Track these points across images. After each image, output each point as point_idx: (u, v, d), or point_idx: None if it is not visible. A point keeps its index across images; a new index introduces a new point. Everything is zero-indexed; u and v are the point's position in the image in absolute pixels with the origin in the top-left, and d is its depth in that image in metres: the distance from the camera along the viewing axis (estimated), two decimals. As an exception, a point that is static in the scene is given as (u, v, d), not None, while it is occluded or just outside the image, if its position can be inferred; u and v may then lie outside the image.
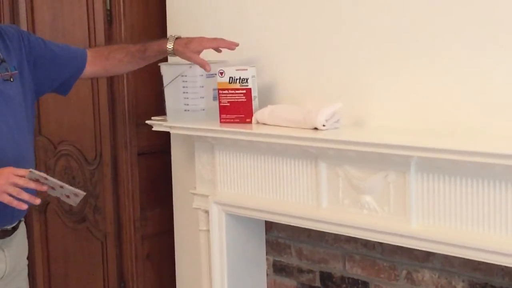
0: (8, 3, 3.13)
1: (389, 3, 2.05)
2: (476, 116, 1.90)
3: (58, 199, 3.01)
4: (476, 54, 1.90)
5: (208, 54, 2.51)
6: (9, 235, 2.15)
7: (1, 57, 2.13)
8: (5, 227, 2.12)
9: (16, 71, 2.17)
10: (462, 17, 1.91)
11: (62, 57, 2.30)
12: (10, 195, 1.91)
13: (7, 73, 2.13)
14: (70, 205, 2.97)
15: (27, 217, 3.15)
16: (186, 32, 2.61)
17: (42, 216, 3.15)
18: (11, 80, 2.13)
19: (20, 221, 2.23)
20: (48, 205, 3.10)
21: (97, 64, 2.34)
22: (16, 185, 1.91)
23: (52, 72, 2.28)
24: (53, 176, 2.99)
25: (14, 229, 2.18)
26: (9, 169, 1.95)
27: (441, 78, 1.96)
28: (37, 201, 1.97)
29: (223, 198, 2.37)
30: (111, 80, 2.76)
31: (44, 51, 2.27)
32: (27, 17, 3.08)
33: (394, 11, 2.04)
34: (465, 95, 1.92)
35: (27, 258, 2.34)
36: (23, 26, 3.09)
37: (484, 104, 1.89)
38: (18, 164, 2.05)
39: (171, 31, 2.67)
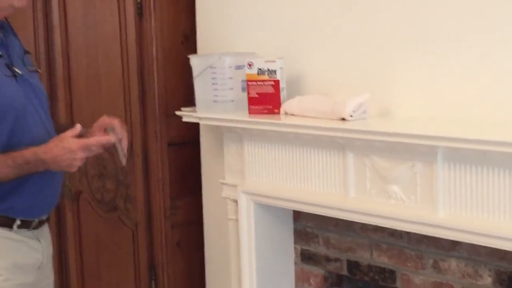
0: (42, 6, 3.16)
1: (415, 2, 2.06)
2: (502, 106, 1.89)
3: (89, 187, 3.06)
4: (504, 45, 1.89)
5: (237, 46, 2.53)
6: (42, 225, 2.17)
7: (24, 48, 2.16)
8: (42, 217, 2.14)
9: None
10: (488, 7, 1.90)
11: None
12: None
13: (33, 67, 2.16)
14: (102, 195, 3.03)
15: (60, 205, 3.20)
16: (215, 26, 2.64)
17: (74, 205, 3.19)
18: (38, 71, 2.18)
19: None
20: (80, 194, 3.14)
21: None
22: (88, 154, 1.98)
23: None
24: (86, 165, 3.05)
25: (47, 219, 2.20)
26: (78, 143, 1.95)
27: (467, 69, 1.95)
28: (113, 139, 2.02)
29: (251, 187, 2.39)
30: (141, 72, 2.78)
31: None
32: (59, 11, 3.11)
33: (420, 2, 2.04)
34: (491, 86, 1.92)
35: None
36: (55, 21, 3.13)
37: (506, 98, 1.88)
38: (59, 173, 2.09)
39: (201, 24, 2.68)
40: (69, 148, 1.95)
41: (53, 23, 3.14)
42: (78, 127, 1.99)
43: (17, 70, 2.07)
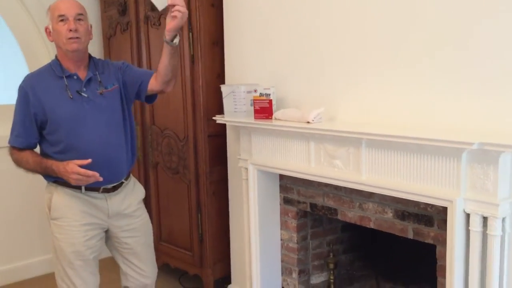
0: (137, 56, 3.15)
1: (352, 52, 2.05)
2: (400, 116, 1.90)
3: (163, 160, 3.06)
4: (398, 86, 1.89)
5: (248, 79, 2.53)
6: (111, 192, 1.97)
7: (99, 79, 1.94)
8: (106, 187, 1.95)
9: (116, 85, 1.97)
10: (395, 52, 1.90)
11: (138, 72, 2.06)
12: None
13: (101, 90, 1.93)
14: (170, 164, 3.03)
15: (147, 170, 3.19)
16: (235, 67, 2.63)
17: (154, 171, 3.18)
18: (102, 94, 1.93)
19: (121, 183, 2.01)
20: (158, 164, 3.13)
21: (155, 79, 2.00)
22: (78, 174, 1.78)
23: (132, 81, 2.02)
24: (161, 147, 3.03)
25: (115, 188, 1.98)
26: (74, 169, 1.78)
27: (382, 93, 1.96)
28: (100, 179, 1.80)
29: (255, 161, 2.39)
30: (193, 94, 2.76)
31: (130, 71, 2.04)
32: (146, 60, 3.09)
33: (354, 54, 2.04)
34: (395, 104, 1.92)
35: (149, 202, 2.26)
36: (144, 62, 3.09)
37: (404, 108, 1.88)
38: (109, 164, 1.87)
39: (227, 67, 2.68)
40: (66, 170, 1.80)
41: (143, 66, 3.12)
42: (87, 161, 1.80)
43: (83, 94, 1.88)
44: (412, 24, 1.82)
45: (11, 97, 2.21)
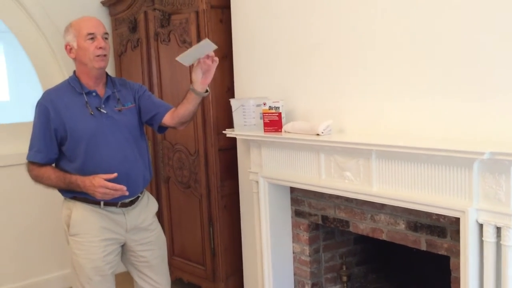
0: (147, 72, 3.18)
1: (359, 63, 2.05)
2: (409, 126, 1.89)
3: (174, 174, 3.07)
4: (407, 96, 1.89)
5: (257, 93, 2.54)
6: (128, 206, 1.99)
7: (117, 97, 1.98)
8: (123, 201, 1.97)
9: (133, 104, 2.01)
10: (399, 69, 1.90)
11: (155, 102, 2.08)
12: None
13: (119, 107, 1.96)
14: (182, 178, 3.03)
15: (159, 185, 3.21)
16: (245, 82, 2.64)
17: (166, 185, 3.20)
18: (121, 111, 1.97)
19: (138, 197, 2.03)
20: (169, 178, 3.15)
21: (172, 116, 2.04)
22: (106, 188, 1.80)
23: (146, 109, 2.04)
24: (173, 161, 3.04)
25: (132, 202, 2.00)
26: (100, 183, 1.79)
27: (391, 103, 1.95)
28: (126, 192, 1.83)
29: (266, 174, 2.39)
30: (204, 109, 2.78)
31: (147, 98, 2.08)
32: (156, 75, 3.12)
33: (362, 66, 2.04)
34: (404, 113, 1.91)
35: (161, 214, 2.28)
36: (155, 80, 3.13)
37: (413, 118, 1.87)
38: (127, 179, 1.88)
39: (236, 81, 2.70)
40: (93, 184, 1.81)
41: (153, 82, 3.16)
42: (113, 175, 1.82)
43: (102, 110, 1.90)
44: (419, 33, 1.82)
45: (21, 116, 2.23)
